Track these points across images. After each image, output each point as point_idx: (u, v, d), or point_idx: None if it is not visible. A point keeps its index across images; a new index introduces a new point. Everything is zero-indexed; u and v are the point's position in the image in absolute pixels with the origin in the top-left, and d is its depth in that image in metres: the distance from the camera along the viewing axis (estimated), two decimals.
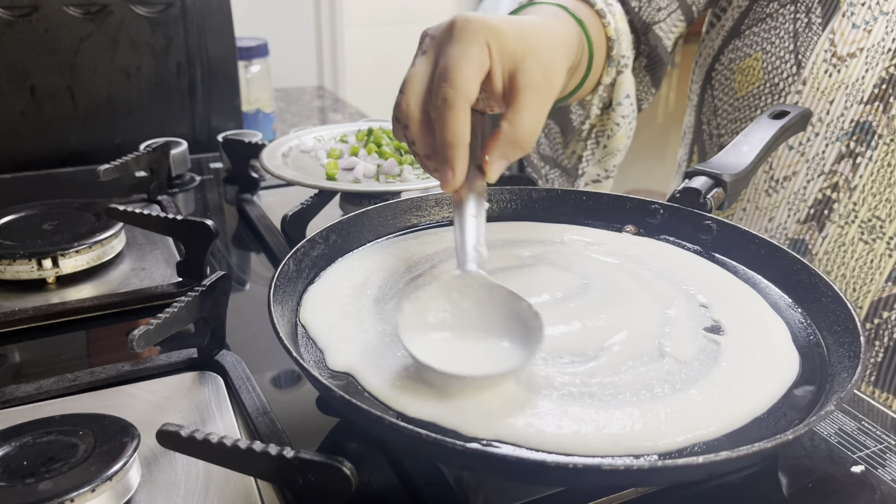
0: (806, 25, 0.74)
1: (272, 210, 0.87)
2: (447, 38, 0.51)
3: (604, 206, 0.67)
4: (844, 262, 0.71)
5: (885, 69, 0.70)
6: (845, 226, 0.71)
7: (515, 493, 0.44)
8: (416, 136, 0.51)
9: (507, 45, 0.51)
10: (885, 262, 0.69)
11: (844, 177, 0.71)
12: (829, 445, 0.49)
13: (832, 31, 0.72)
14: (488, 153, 0.51)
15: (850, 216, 0.71)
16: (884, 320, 0.70)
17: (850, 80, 0.71)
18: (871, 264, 0.70)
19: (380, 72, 2.30)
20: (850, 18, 0.72)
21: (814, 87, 0.73)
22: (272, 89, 1.29)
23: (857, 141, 0.71)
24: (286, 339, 0.44)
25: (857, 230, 0.70)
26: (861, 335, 0.45)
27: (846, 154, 0.71)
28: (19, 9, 0.97)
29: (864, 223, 0.70)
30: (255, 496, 0.44)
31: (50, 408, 0.51)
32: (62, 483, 0.40)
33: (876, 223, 0.69)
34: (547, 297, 0.53)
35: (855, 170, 0.71)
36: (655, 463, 0.37)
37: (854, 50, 0.71)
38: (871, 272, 0.70)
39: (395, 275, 0.57)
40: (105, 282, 0.70)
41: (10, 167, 1.02)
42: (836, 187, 0.72)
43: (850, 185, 0.71)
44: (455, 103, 0.48)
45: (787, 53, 0.75)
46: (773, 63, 0.76)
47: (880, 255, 0.69)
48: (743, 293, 0.55)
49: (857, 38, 0.71)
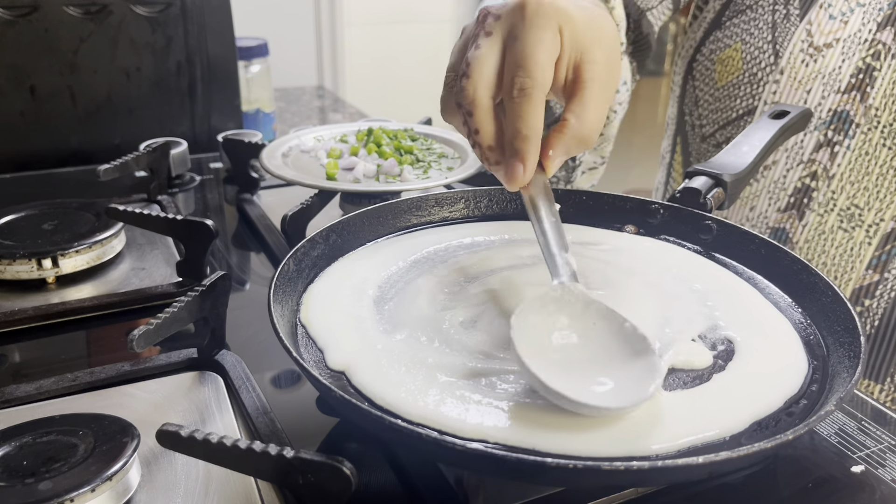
0: (784, 17, 0.75)
1: (272, 210, 0.87)
2: (519, 21, 0.48)
3: (604, 206, 0.67)
4: (825, 250, 0.72)
5: (862, 59, 0.71)
6: (825, 214, 0.72)
7: (515, 493, 0.44)
8: (482, 124, 0.48)
9: (577, 34, 0.49)
10: (864, 250, 0.70)
11: (823, 165, 0.72)
12: (829, 445, 0.49)
13: (809, 21, 0.74)
14: (552, 147, 0.49)
15: (829, 204, 0.72)
16: (865, 308, 0.71)
17: (826, 69, 0.73)
18: (851, 252, 0.71)
19: (380, 72, 2.30)
20: (826, 10, 0.73)
21: (791, 77, 0.74)
22: (272, 89, 1.29)
23: (834, 130, 0.72)
24: (286, 339, 0.44)
25: (836, 218, 0.71)
26: (861, 335, 0.45)
27: (824, 143, 0.73)
28: (19, 9, 0.97)
29: (843, 211, 0.71)
30: (255, 496, 0.44)
31: (50, 408, 0.51)
32: (62, 483, 0.40)
33: (855, 211, 0.70)
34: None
35: (833, 158, 0.72)
36: (655, 463, 0.37)
37: (830, 40, 0.72)
38: (852, 260, 0.71)
39: (395, 275, 0.57)
40: (105, 282, 0.70)
41: (10, 167, 1.02)
42: (814, 176, 0.73)
43: (829, 174, 0.72)
44: (532, 93, 0.46)
45: (765, 44, 0.76)
46: (752, 53, 0.77)
47: (860, 242, 0.70)
48: (745, 293, 0.55)
49: (834, 29, 0.73)
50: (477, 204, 0.67)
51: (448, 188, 0.75)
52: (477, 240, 0.62)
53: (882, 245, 0.70)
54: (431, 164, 0.85)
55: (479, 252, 0.60)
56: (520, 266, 0.58)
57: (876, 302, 0.72)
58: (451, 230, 0.64)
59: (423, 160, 0.86)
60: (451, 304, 0.52)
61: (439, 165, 0.85)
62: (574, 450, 0.39)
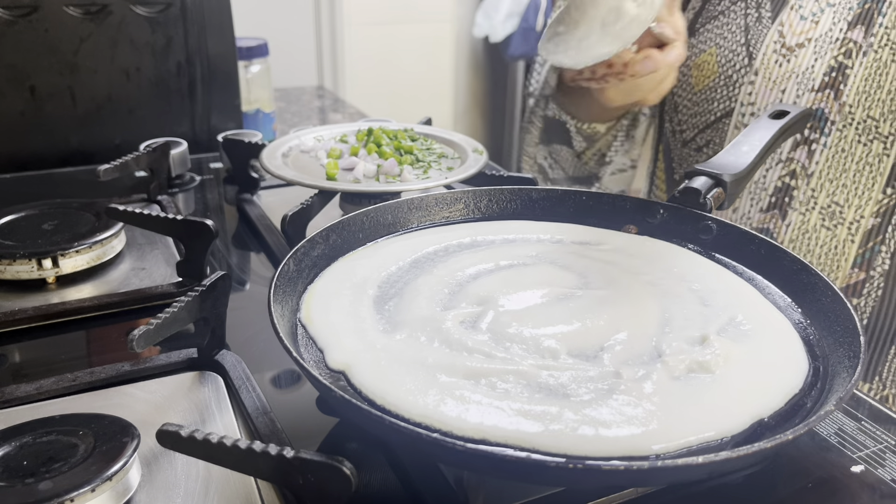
0: (756, 20, 0.77)
1: (272, 210, 0.87)
2: None
3: (604, 206, 0.67)
4: (810, 249, 0.73)
5: (834, 58, 0.72)
6: (806, 213, 0.73)
7: (515, 493, 0.44)
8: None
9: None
10: (848, 248, 0.71)
11: (801, 163, 0.73)
12: (829, 445, 0.49)
13: (781, 23, 0.75)
14: None
15: (810, 203, 0.73)
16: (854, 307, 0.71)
17: (800, 69, 0.74)
18: (835, 251, 0.71)
19: (380, 72, 2.30)
20: (797, 11, 0.74)
21: (765, 77, 0.75)
22: (272, 89, 1.29)
23: (811, 128, 0.73)
24: (286, 339, 0.44)
25: (818, 216, 0.72)
26: (861, 335, 0.45)
27: (801, 141, 0.73)
28: (19, 9, 0.97)
29: (824, 209, 0.71)
30: (255, 496, 0.44)
31: (50, 408, 0.51)
32: (62, 483, 0.40)
33: (835, 209, 0.71)
34: (547, 297, 0.53)
35: (811, 156, 0.73)
36: (655, 463, 0.37)
37: (802, 40, 0.73)
38: (837, 258, 0.71)
39: (395, 275, 0.57)
40: (105, 282, 0.70)
41: (10, 167, 1.02)
42: (794, 174, 0.74)
43: (808, 172, 0.73)
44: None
45: (738, 47, 0.77)
46: (727, 56, 0.79)
47: (843, 240, 0.71)
48: (745, 293, 0.55)
49: (805, 29, 0.74)
50: (477, 204, 0.67)
51: (448, 188, 0.75)
52: (477, 240, 0.62)
53: (864, 242, 0.70)
54: (431, 164, 0.85)
55: (479, 252, 0.60)
56: (520, 266, 0.58)
57: (864, 300, 0.72)
58: (451, 230, 0.64)
59: (423, 160, 0.86)
60: (451, 303, 0.52)
61: (439, 165, 0.85)
62: (574, 450, 0.39)
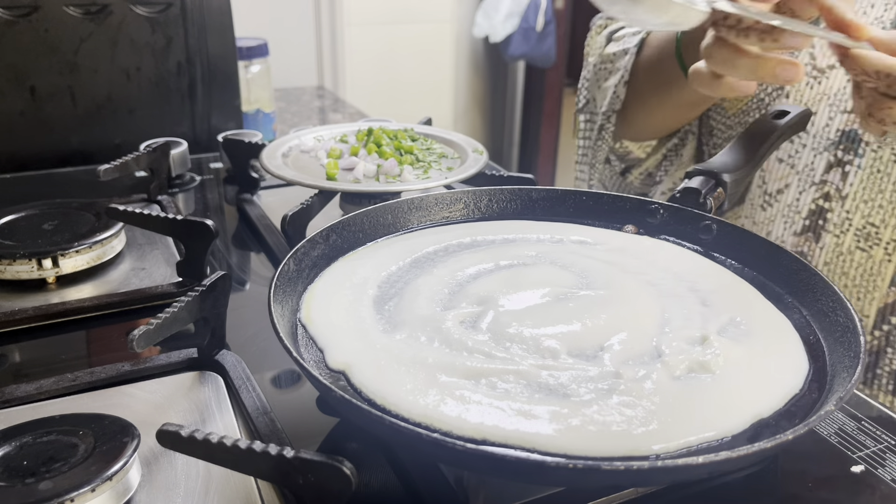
0: None
1: (272, 210, 0.87)
2: None
3: (604, 206, 0.67)
4: (845, 271, 0.72)
5: None
6: (841, 235, 0.72)
7: (515, 493, 0.44)
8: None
9: None
10: (885, 268, 0.70)
11: (835, 186, 0.72)
12: (829, 445, 0.49)
13: (812, 45, 0.74)
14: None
15: (845, 225, 0.72)
16: (893, 326, 0.70)
17: (831, 90, 0.72)
18: (871, 271, 0.70)
19: (380, 72, 2.30)
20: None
21: (797, 100, 0.74)
22: (272, 89, 1.29)
23: (844, 150, 0.71)
24: (286, 339, 0.44)
25: (853, 238, 0.71)
26: (861, 335, 0.45)
27: (835, 163, 0.72)
28: (19, 9, 0.97)
29: (859, 231, 0.70)
30: (255, 496, 0.44)
31: (50, 408, 0.51)
32: (62, 483, 0.40)
33: (871, 230, 0.70)
34: (547, 297, 0.53)
35: (845, 178, 0.71)
36: (655, 463, 0.37)
37: (833, 62, 0.72)
38: (873, 279, 0.70)
39: (395, 274, 0.57)
40: (105, 282, 0.70)
41: (10, 167, 1.02)
42: (828, 197, 0.73)
43: (842, 194, 0.72)
44: None
45: None
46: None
47: (879, 261, 0.70)
48: (745, 293, 0.55)
49: None
50: (477, 204, 0.67)
51: (448, 188, 0.75)
52: (477, 240, 0.62)
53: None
54: (431, 164, 0.85)
55: (479, 252, 0.60)
56: (520, 266, 0.58)
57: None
58: (451, 230, 0.64)
59: (423, 160, 0.86)
60: (451, 303, 0.52)
61: (439, 165, 0.85)
62: (574, 450, 0.39)
